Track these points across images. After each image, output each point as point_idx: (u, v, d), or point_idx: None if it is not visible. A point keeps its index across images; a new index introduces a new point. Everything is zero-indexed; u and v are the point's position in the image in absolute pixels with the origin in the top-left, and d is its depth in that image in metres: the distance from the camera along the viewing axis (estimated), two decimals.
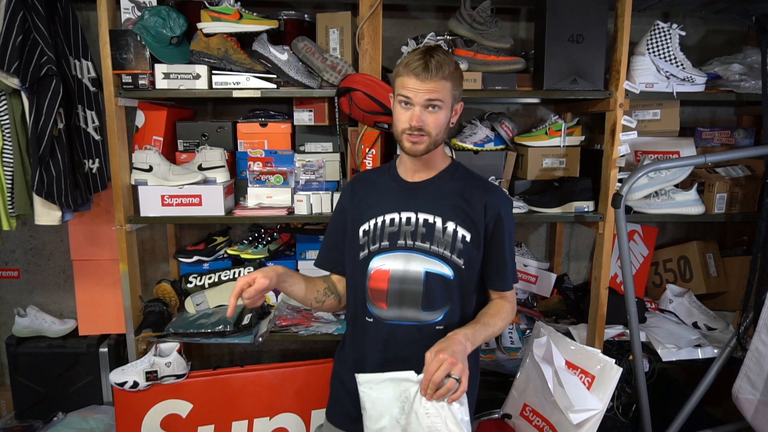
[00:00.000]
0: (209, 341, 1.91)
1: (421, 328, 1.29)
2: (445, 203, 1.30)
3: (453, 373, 1.07)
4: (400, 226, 1.29)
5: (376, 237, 1.31)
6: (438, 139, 1.27)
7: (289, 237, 2.24)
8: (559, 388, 1.63)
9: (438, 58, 1.21)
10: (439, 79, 1.20)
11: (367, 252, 1.32)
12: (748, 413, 1.84)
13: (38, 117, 1.72)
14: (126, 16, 1.82)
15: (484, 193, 1.31)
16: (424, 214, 1.29)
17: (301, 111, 2.00)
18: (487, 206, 1.29)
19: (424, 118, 1.23)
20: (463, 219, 1.28)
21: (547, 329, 1.79)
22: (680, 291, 2.27)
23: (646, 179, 1.95)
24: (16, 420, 2.17)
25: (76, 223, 2.14)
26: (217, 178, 1.93)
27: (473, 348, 1.18)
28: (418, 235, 1.28)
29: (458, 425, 1.11)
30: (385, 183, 1.37)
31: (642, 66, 1.89)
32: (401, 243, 1.29)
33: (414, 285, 1.27)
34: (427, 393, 1.10)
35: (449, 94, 1.24)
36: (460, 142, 2.09)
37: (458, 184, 1.33)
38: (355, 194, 1.40)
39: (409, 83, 1.22)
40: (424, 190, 1.32)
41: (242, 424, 1.93)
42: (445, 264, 1.28)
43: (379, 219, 1.32)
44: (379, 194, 1.36)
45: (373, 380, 1.21)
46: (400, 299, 1.28)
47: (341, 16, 1.89)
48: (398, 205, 1.31)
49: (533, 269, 2.24)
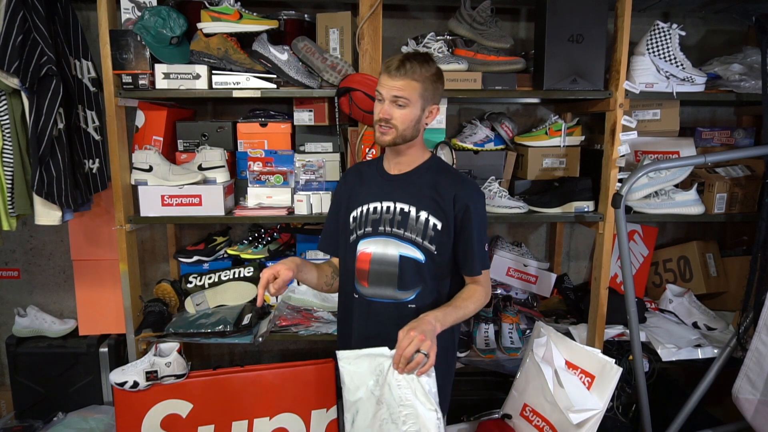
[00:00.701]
0: (209, 341, 1.91)
1: (397, 305, 1.43)
2: (419, 194, 1.43)
3: (422, 348, 1.19)
4: (381, 213, 1.44)
5: (362, 223, 1.46)
6: (405, 133, 1.39)
7: (289, 237, 2.25)
8: (559, 388, 1.63)
9: (414, 61, 1.35)
10: (407, 78, 1.34)
11: (356, 236, 1.47)
12: (748, 413, 1.84)
13: (38, 117, 1.72)
14: (126, 16, 1.82)
15: (455, 186, 1.43)
16: (401, 204, 1.43)
17: (301, 111, 2.00)
18: (455, 198, 1.41)
19: (391, 112, 1.36)
20: (435, 209, 1.41)
21: (547, 329, 1.79)
22: (680, 291, 2.27)
23: (646, 179, 1.95)
24: (16, 420, 2.17)
25: (76, 223, 2.14)
26: (217, 178, 1.93)
27: (443, 328, 1.29)
28: (395, 223, 1.42)
29: (426, 396, 1.24)
30: (372, 174, 1.52)
31: (642, 66, 1.89)
32: (381, 229, 1.43)
33: (390, 267, 1.42)
34: (398, 367, 1.22)
35: (417, 94, 1.36)
36: (460, 142, 2.09)
37: (433, 177, 1.45)
38: (347, 184, 1.56)
39: (383, 80, 1.38)
40: (403, 182, 1.46)
41: (242, 424, 1.93)
42: (417, 249, 1.42)
43: (365, 207, 1.46)
44: (367, 184, 1.51)
45: (351, 356, 1.35)
46: (378, 279, 1.44)
47: (341, 16, 1.89)
48: (381, 194, 1.46)
49: (533, 269, 2.24)
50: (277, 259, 2.17)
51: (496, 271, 2.25)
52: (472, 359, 2.01)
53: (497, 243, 2.31)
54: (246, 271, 2.11)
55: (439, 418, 1.24)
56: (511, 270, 2.24)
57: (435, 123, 2.01)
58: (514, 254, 2.25)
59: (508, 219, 2.00)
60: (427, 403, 1.24)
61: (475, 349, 2.05)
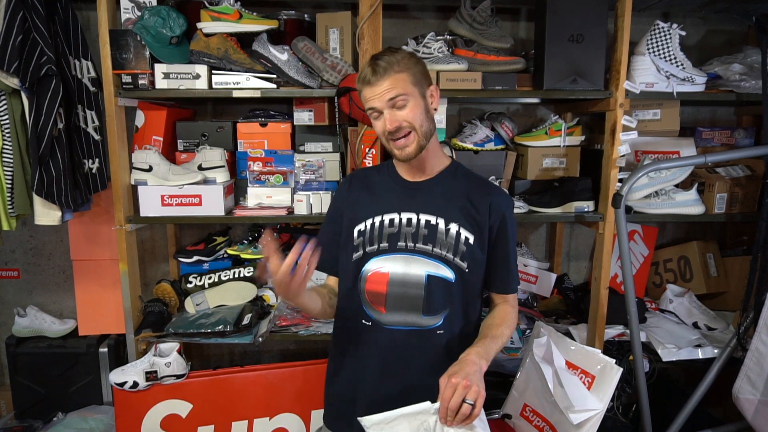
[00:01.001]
0: (209, 341, 1.91)
1: (422, 333, 1.26)
2: (448, 204, 1.27)
3: (468, 397, 1.05)
4: (401, 227, 1.26)
5: (373, 238, 1.27)
6: (425, 130, 1.23)
7: (289, 237, 2.24)
8: (559, 388, 1.63)
9: (384, 58, 1.21)
10: (392, 74, 1.19)
11: (362, 253, 1.28)
12: (748, 413, 1.84)
13: (38, 117, 1.71)
14: (126, 16, 1.82)
15: (488, 194, 1.29)
16: (426, 215, 1.26)
17: (301, 111, 2.00)
18: (491, 207, 1.27)
19: (397, 116, 1.20)
20: (467, 220, 1.26)
21: (547, 329, 1.78)
22: (680, 291, 2.27)
23: (646, 179, 1.95)
24: (16, 420, 2.17)
25: (76, 223, 2.14)
26: (217, 178, 1.93)
27: (488, 365, 1.14)
28: (420, 237, 1.25)
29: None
30: (384, 182, 1.34)
31: (642, 66, 1.89)
32: (401, 245, 1.25)
33: (414, 289, 1.24)
34: (447, 420, 1.06)
35: (409, 84, 1.21)
36: (460, 142, 2.09)
37: (461, 184, 1.30)
38: (352, 192, 1.36)
39: (368, 94, 1.21)
40: (426, 190, 1.29)
41: (242, 424, 1.93)
42: (447, 267, 1.25)
43: (377, 219, 1.28)
44: (377, 193, 1.33)
45: (384, 420, 1.14)
46: (399, 303, 1.25)
47: (341, 16, 1.89)
48: (398, 205, 1.28)
49: (533, 269, 2.24)
50: None
51: None
52: None
53: None
54: (246, 271, 2.11)
55: None
56: None
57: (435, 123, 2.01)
58: None
59: None
60: None
61: None
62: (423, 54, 1.86)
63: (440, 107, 1.99)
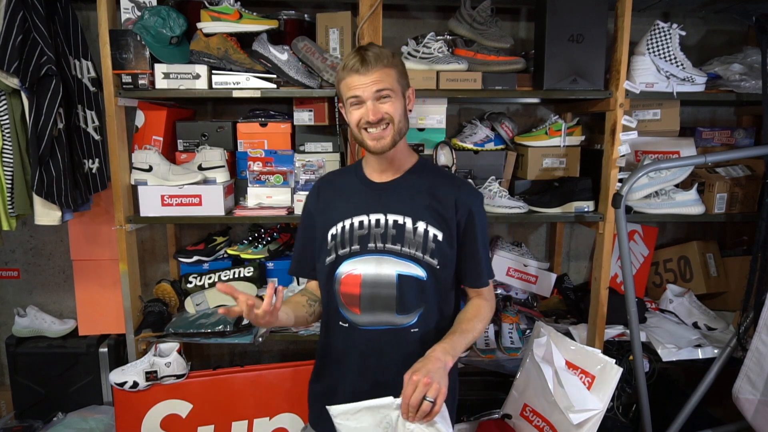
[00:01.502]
0: (209, 341, 1.91)
1: (396, 332, 1.27)
2: (414, 202, 1.28)
3: (428, 395, 1.07)
4: (370, 228, 1.27)
5: (345, 241, 1.28)
6: (401, 127, 1.25)
7: (289, 237, 2.24)
8: (559, 388, 1.63)
9: (373, 50, 1.22)
10: (381, 68, 1.20)
11: (335, 256, 1.29)
12: (748, 413, 1.84)
13: (38, 117, 1.71)
14: (126, 15, 1.82)
15: (454, 189, 1.30)
16: (394, 215, 1.27)
17: (301, 111, 2.00)
18: (458, 202, 1.28)
19: (380, 108, 1.21)
20: (434, 218, 1.27)
21: (547, 329, 1.78)
22: (680, 291, 2.27)
23: (646, 179, 1.95)
24: (16, 420, 2.17)
25: (76, 223, 2.14)
26: (217, 178, 1.93)
27: (455, 360, 1.16)
28: (389, 237, 1.26)
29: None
30: (352, 184, 1.35)
31: (642, 66, 1.89)
32: (371, 246, 1.26)
33: (387, 289, 1.25)
34: (408, 416, 1.09)
35: (396, 81, 1.23)
36: (460, 142, 2.09)
37: (427, 181, 1.31)
38: (321, 198, 1.37)
39: (353, 82, 1.21)
40: (393, 190, 1.30)
41: (242, 424, 1.93)
42: (417, 265, 1.26)
43: (347, 222, 1.29)
44: (346, 196, 1.34)
45: (349, 410, 1.18)
46: (372, 303, 1.26)
47: (341, 16, 1.89)
48: (366, 206, 1.29)
49: (533, 269, 2.24)
50: (277, 259, 2.17)
51: (497, 271, 2.24)
52: (472, 359, 2.01)
53: (497, 243, 2.31)
54: (246, 271, 2.11)
55: None
56: (511, 270, 2.24)
57: (435, 123, 2.01)
58: (514, 254, 2.25)
59: (508, 219, 2.00)
60: None
61: (475, 349, 2.05)
62: (423, 54, 1.86)
63: (440, 107, 2.00)
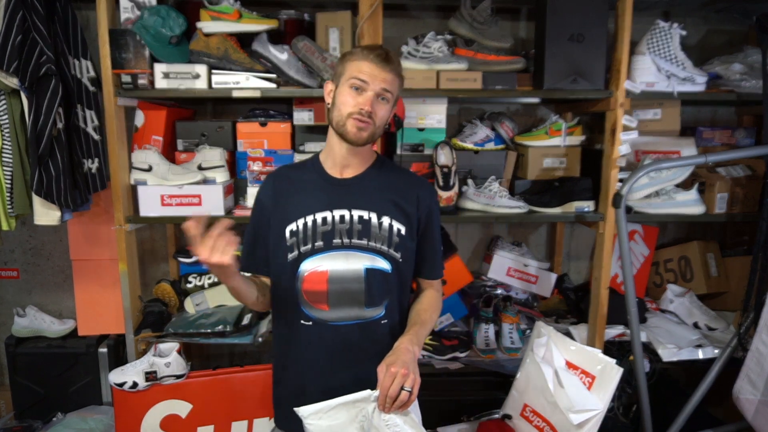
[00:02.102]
0: (209, 341, 1.91)
1: (367, 324, 1.30)
2: (378, 198, 1.30)
3: (405, 385, 1.11)
4: (334, 224, 1.28)
5: (307, 237, 1.27)
6: (377, 132, 1.28)
7: None
8: (559, 389, 1.63)
9: (392, 54, 1.26)
10: (395, 73, 1.25)
11: (297, 253, 1.28)
12: (748, 413, 1.84)
13: (37, 117, 1.71)
14: (125, 15, 1.82)
15: (415, 187, 1.35)
16: (359, 211, 1.28)
17: (301, 111, 1.99)
18: (419, 199, 1.33)
19: (376, 107, 1.23)
20: (397, 212, 1.30)
21: (547, 329, 1.78)
22: (681, 291, 2.27)
23: (646, 179, 1.95)
24: (15, 420, 2.17)
25: (76, 223, 2.13)
26: (216, 177, 1.93)
27: (420, 350, 1.23)
28: (354, 233, 1.27)
29: (417, 427, 1.15)
30: (312, 180, 1.33)
31: (642, 65, 1.88)
32: (337, 242, 1.27)
33: (355, 283, 1.27)
34: (385, 408, 1.12)
35: (397, 90, 1.28)
36: (461, 142, 2.08)
37: (388, 177, 1.35)
38: (278, 193, 1.34)
39: (367, 68, 1.22)
40: (356, 186, 1.32)
41: (242, 424, 1.93)
42: (383, 259, 1.29)
43: (308, 218, 1.28)
44: (305, 192, 1.32)
45: (322, 409, 1.17)
46: (340, 299, 1.27)
47: (341, 15, 1.88)
48: (329, 202, 1.29)
49: (533, 269, 2.24)
50: None
51: (497, 271, 2.24)
52: (472, 359, 2.01)
53: (497, 243, 2.31)
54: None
55: None
56: (511, 270, 2.24)
57: (435, 123, 2.01)
58: (514, 254, 2.25)
59: (508, 219, 2.00)
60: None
61: (475, 349, 2.05)
62: (423, 54, 1.86)
63: (440, 107, 1.99)
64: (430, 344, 2.02)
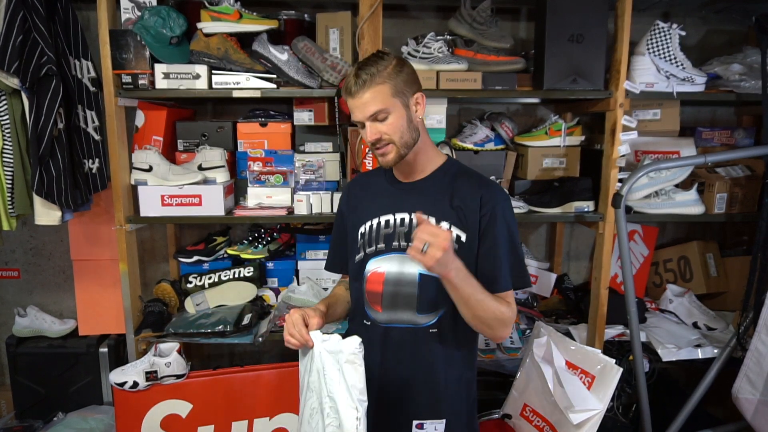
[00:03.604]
0: (209, 341, 1.91)
1: (416, 331, 1.27)
2: (439, 202, 1.27)
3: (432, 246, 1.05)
4: (395, 227, 1.28)
5: (372, 239, 1.29)
6: (406, 140, 1.23)
7: (288, 237, 2.24)
8: (559, 388, 1.63)
9: (365, 70, 1.19)
10: (371, 87, 1.18)
11: (363, 254, 1.31)
12: (748, 413, 1.84)
13: (38, 117, 1.71)
14: (126, 15, 1.82)
15: (480, 188, 1.27)
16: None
17: (301, 111, 2.00)
18: (482, 201, 1.25)
19: (377, 129, 1.21)
20: (458, 218, 1.25)
21: (547, 329, 1.79)
22: (680, 291, 2.27)
23: (646, 179, 1.95)
24: (16, 420, 2.17)
25: (76, 223, 2.14)
26: (217, 178, 1.93)
27: (455, 280, 1.12)
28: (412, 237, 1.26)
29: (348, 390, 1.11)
30: (381, 184, 1.36)
31: (642, 66, 1.89)
32: (396, 245, 1.27)
33: (408, 287, 1.26)
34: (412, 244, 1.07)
35: (389, 96, 1.20)
36: (460, 142, 2.09)
37: (454, 182, 1.29)
38: (351, 197, 1.40)
39: (350, 104, 1.22)
40: (419, 190, 1.30)
41: (242, 424, 1.93)
42: None
43: (374, 221, 1.30)
44: (374, 196, 1.35)
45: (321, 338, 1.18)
46: (394, 302, 1.27)
47: (341, 16, 1.89)
48: (393, 206, 1.30)
49: (533, 269, 2.24)
50: (277, 259, 2.18)
51: None
52: None
53: None
54: (246, 271, 2.11)
55: (359, 418, 1.11)
56: None
57: (435, 123, 2.01)
58: None
59: None
60: (349, 399, 1.11)
61: None
62: (423, 54, 1.86)
63: (440, 107, 1.99)
64: None
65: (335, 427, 1.12)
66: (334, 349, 1.14)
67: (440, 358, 1.26)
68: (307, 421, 1.19)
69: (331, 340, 1.15)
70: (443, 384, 1.28)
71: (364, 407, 1.12)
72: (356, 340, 1.12)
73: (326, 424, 1.13)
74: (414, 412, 1.29)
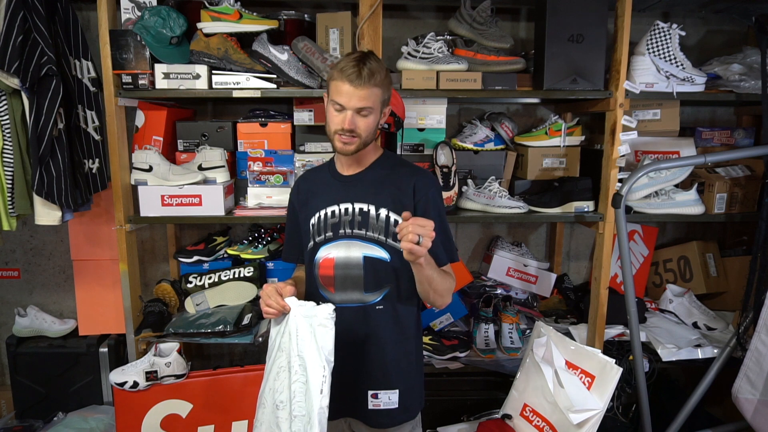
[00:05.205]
0: (209, 341, 1.91)
1: (365, 308, 1.40)
2: (377, 191, 1.40)
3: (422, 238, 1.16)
4: (340, 216, 1.41)
5: (320, 229, 1.42)
6: (367, 139, 1.37)
7: None
8: (559, 388, 1.63)
9: (371, 65, 1.30)
10: (371, 86, 1.29)
11: (313, 243, 1.44)
12: (747, 413, 1.84)
13: (38, 117, 1.71)
14: (126, 16, 1.82)
15: (412, 176, 1.41)
16: (359, 204, 1.40)
17: (301, 111, 2.00)
18: (415, 188, 1.39)
19: (356, 122, 1.32)
20: (395, 204, 1.38)
21: (547, 329, 1.79)
22: (680, 291, 2.27)
23: (646, 179, 1.96)
24: (16, 420, 2.17)
25: (76, 223, 2.14)
26: (217, 178, 1.93)
27: (426, 265, 1.26)
28: (355, 224, 1.39)
29: (319, 351, 1.21)
30: (325, 178, 1.49)
31: (642, 66, 1.89)
32: (342, 232, 1.40)
33: (355, 270, 1.39)
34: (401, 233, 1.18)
35: (378, 100, 1.33)
36: (460, 142, 2.09)
37: (390, 172, 1.44)
38: (300, 192, 1.52)
39: (343, 89, 1.30)
40: (359, 181, 1.43)
41: (242, 424, 1.93)
42: (381, 248, 1.39)
43: (322, 212, 1.43)
44: (320, 189, 1.47)
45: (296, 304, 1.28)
46: (344, 283, 1.40)
47: (341, 16, 1.89)
48: (337, 197, 1.42)
49: (533, 269, 2.24)
50: (277, 259, 2.17)
51: (496, 271, 2.25)
52: (472, 359, 2.02)
53: (497, 243, 2.31)
54: (246, 271, 2.11)
55: (325, 375, 1.19)
56: (511, 270, 2.24)
57: (435, 123, 2.01)
58: (514, 254, 2.25)
59: (508, 219, 2.00)
60: (318, 358, 1.20)
61: (475, 349, 2.05)
62: (423, 54, 1.86)
63: (440, 107, 2.00)
64: (430, 344, 2.03)
65: (302, 383, 1.22)
66: (308, 314, 1.24)
67: (388, 331, 1.40)
68: (273, 379, 1.30)
69: (306, 306, 1.26)
70: (392, 356, 1.41)
71: (331, 367, 1.21)
72: (330, 307, 1.23)
73: (293, 380, 1.23)
74: (369, 383, 1.41)
